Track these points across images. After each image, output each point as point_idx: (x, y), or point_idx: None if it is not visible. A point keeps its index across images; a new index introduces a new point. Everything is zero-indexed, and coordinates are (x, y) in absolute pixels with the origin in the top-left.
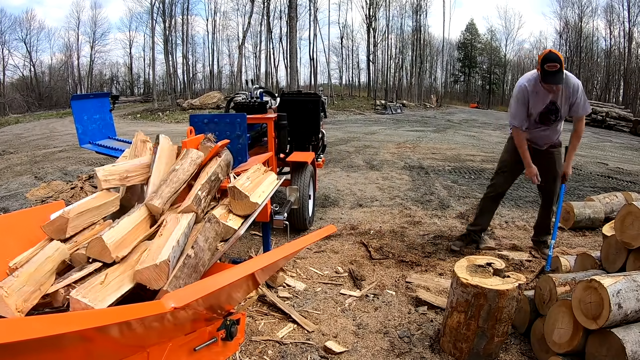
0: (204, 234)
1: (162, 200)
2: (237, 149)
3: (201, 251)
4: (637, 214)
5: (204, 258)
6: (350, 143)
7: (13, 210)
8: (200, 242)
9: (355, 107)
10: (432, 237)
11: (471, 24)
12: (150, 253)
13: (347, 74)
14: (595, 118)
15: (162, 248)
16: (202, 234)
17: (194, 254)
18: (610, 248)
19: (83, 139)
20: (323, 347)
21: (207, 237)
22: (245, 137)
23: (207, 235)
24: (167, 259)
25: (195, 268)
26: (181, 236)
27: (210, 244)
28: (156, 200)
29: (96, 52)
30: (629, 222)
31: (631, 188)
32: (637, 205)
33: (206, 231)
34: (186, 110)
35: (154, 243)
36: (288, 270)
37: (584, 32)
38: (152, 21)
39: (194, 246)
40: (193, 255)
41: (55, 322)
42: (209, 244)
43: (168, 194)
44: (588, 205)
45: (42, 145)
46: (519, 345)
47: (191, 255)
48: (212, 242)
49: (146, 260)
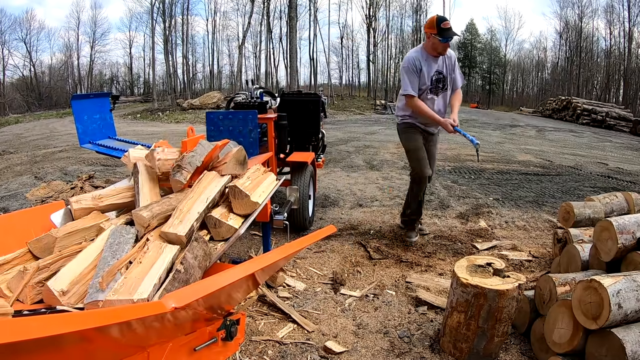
0: (192, 251)
1: (152, 214)
2: (249, 142)
3: (191, 267)
4: (612, 233)
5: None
6: (350, 143)
7: (13, 210)
8: (189, 259)
9: (355, 107)
10: (432, 237)
11: (471, 24)
12: (126, 283)
13: (347, 74)
14: (595, 118)
15: (141, 281)
16: (190, 252)
17: (183, 269)
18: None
19: (83, 138)
20: (323, 347)
21: (196, 255)
22: (256, 132)
23: (196, 253)
24: (146, 298)
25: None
26: (163, 273)
27: (200, 262)
28: (145, 212)
29: (96, 52)
30: (605, 237)
31: (631, 188)
32: (615, 225)
33: (194, 249)
34: (186, 110)
35: (133, 271)
36: (288, 270)
37: (584, 32)
38: (152, 21)
39: (182, 262)
40: (183, 271)
41: (55, 322)
42: (199, 261)
43: (158, 211)
44: (588, 205)
45: (42, 145)
46: (519, 345)
47: (181, 270)
48: (201, 260)
49: (121, 291)
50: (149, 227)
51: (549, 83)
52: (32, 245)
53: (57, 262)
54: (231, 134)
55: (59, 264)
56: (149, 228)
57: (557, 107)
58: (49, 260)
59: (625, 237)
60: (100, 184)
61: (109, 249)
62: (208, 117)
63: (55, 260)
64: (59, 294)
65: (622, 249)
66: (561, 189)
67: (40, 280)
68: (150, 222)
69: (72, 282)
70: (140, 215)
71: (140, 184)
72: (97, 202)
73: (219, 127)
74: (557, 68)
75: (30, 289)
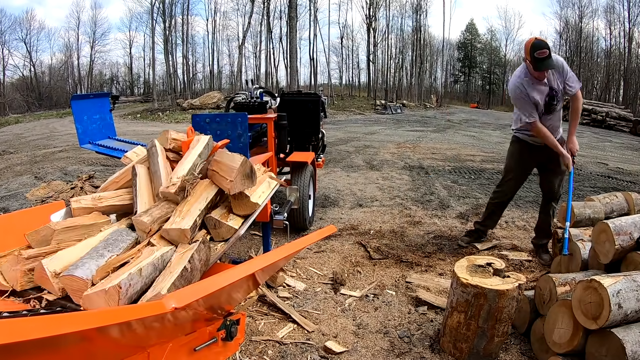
0: (199, 253)
1: (152, 218)
2: (238, 147)
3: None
4: (610, 235)
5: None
6: (350, 143)
7: (13, 210)
8: (196, 260)
9: (355, 107)
10: (432, 237)
11: (471, 24)
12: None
13: (347, 74)
14: (595, 118)
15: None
16: (197, 253)
17: (190, 268)
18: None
19: (83, 139)
20: (323, 347)
21: (201, 257)
22: (246, 136)
23: (201, 256)
24: (117, 284)
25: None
26: (147, 266)
27: (202, 266)
28: (145, 217)
29: (96, 52)
30: (602, 239)
31: (631, 188)
32: (611, 227)
33: (201, 251)
34: (186, 110)
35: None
36: (288, 270)
37: (584, 32)
38: (152, 21)
39: (190, 261)
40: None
41: (55, 322)
42: (201, 265)
43: (158, 215)
44: (588, 205)
45: (42, 145)
46: (519, 345)
47: (188, 268)
48: (203, 264)
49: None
50: (151, 232)
51: None
52: (30, 237)
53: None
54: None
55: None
56: (151, 232)
57: None
58: (46, 250)
59: (623, 239)
60: (100, 184)
61: (104, 242)
62: (194, 120)
63: (52, 250)
64: (52, 274)
65: (620, 250)
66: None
67: (34, 267)
68: (151, 227)
69: (66, 266)
70: (141, 221)
71: (139, 187)
72: (97, 203)
73: (205, 131)
74: None
75: (22, 274)
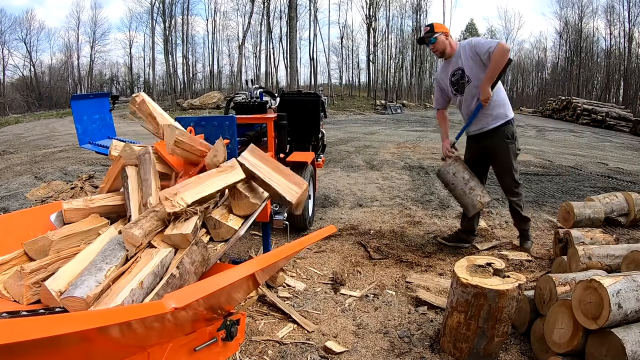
0: (191, 256)
1: (143, 231)
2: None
3: (186, 273)
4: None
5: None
6: (350, 143)
7: (13, 210)
8: (186, 264)
9: (355, 107)
10: (432, 237)
11: (471, 24)
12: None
13: (347, 74)
14: (595, 118)
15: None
16: (188, 256)
17: (179, 274)
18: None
19: (83, 139)
20: (323, 347)
21: (194, 260)
22: (235, 141)
23: (194, 258)
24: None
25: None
26: (148, 276)
27: (197, 268)
28: (136, 230)
29: (96, 52)
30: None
31: (631, 188)
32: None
33: (193, 254)
34: (186, 110)
35: (120, 283)
36: (288, 270)
37: (584, 32)
38: (152, 21)
39: (179, 266)
40: (178, 276)
41: (55, 322)
42: (195, 267)
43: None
44: (588, 205)
45: (42, 145)
46: (519, 345)
47: (176, 275)
48: (198, 265)
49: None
50: (142, 246)
51: (549, 83)
52: (28, 246)
53: (55, 263)
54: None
55: (56, 265)
56: (141, 247)
57: (557, 107)
58: (47, 261)
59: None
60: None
61: (102, 253)
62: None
63: (53, 261)
64: (57, 294)
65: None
66: (561, 189)
67: (37, 280)
68: (142, 241)
69: (70, 282)
70: (132, 234)
71: (130, 189)
72: (88, 204)
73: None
74: (557, 68)
75: (27, 289)
